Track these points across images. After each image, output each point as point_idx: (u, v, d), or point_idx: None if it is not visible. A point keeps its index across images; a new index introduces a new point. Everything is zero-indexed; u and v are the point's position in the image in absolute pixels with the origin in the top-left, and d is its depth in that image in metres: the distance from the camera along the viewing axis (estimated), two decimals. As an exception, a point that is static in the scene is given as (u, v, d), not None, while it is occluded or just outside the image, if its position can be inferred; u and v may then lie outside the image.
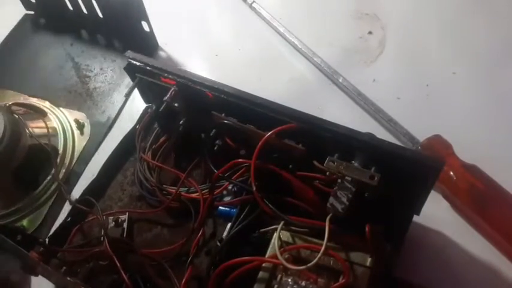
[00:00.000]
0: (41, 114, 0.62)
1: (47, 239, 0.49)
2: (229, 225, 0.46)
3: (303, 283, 0.35)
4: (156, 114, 0.53)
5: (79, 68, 0.67)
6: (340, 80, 0.59)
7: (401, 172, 0.38)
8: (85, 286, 0.41)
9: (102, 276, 0.45)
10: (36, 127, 0.58)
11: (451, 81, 0.57)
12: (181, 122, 0.50)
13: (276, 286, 0.36)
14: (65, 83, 0.66)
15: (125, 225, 0.49)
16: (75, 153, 0.60)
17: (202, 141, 0.49)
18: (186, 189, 0.50)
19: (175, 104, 0.49)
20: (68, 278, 0.39)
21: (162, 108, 0.48)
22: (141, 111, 0.58)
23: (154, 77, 0.50)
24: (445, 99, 0.56)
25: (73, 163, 0.60)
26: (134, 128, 0.57)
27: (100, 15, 0.66)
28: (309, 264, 0.35)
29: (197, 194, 0.48)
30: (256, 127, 0.44)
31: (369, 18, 0.66)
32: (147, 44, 0.66)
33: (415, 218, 0.42)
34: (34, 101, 0.64)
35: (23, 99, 0.64)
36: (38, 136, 0.58)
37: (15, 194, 0.57)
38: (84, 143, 0.61)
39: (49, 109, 0.63)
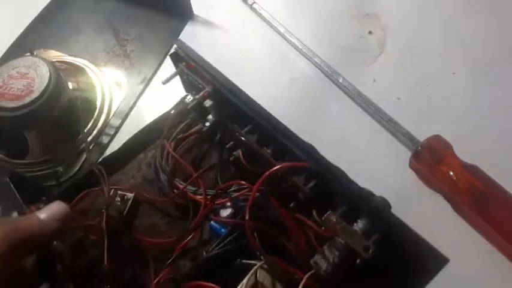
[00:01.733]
0: (80, 71, 0.65)
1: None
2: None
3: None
4: (187, 107, 0.53)
5: (118, 32, 0.70)
6: (341, 80, 0.59)
7: (404, 253, 0.35)
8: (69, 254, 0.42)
9: (87, 248, 0.46)
10: (76, 82, 0.61)
11: (451, 81, 0.58)
12: (207, 124, 0.49)
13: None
14: (104, 45, 0.70)
15: (129, 204, 0.50)
16: (112, 109, 0.64)
17: (223, 147, 0.49)
18: (194, 189, 0.49)
19: (208, 104, 0.48)
20: (54, 242, 0.41)
21: (191, 105, 0.48)
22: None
23: (194, 73, 0.50)
24: (445, 99, 0.57)
25: (110, 117, 0.63)
26: (168, 112, 0.57)
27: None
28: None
29: (201, 197, 0.48)
30: (273, 152, 0.43)
31: (369, 18, 0.65)
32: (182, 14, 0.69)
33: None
34: (74, 59, 0.67)
35: (65, 57, 0.68)
36: (77, 90, 0.60)
37: (54, 142, 0.60)
38: (121, 100, 0.64)
39: (88, 67, 0.66)
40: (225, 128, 0.48)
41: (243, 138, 0.44)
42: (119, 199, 0.51)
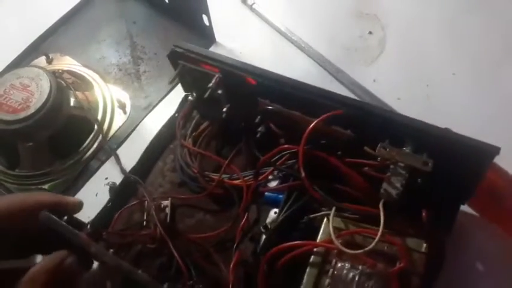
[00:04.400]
0: (87, 86, 0.63)
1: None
2: (273, 211, 0.46)
3: (360, 267, 0.35)
4: (198, 101, 0.53)
5: (135, 47, 0.68)
6: (342, 79, 0.59)
7: (454, 158, 0.38)
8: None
9: (148, 259, 0.45)
10: (79, 98, 0.59)
11: (451, 81, 0.58)
12: (224, 109, 0.50)
13: (330, 270, 0.36)
14: (118, 60, 0.67)
15: (168, 210, 0.49)
16: (111, 131, 0.61)
17: (246, 128, 0.49)
18: (228, 176, 0.50)
19: (219, 91, 0.49)
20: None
21: (206, 94, 0.48)
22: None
23: (197, 64, 0.50)
24: (445, 99, 0.56)
25: (106, 140, 0.60)
26: (173, 116, 0.57)
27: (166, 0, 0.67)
28: (366, 248, 0.35)
29: (240, 180, 0.49)
30: (302, 113, 0.44)
31: (369, 18, 0.66)
32: (205, 38, 0.66)
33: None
34: (85, 71, 0.65)
35: (77, 67, 0.65)
36: (79, 108, 0.58)
37: (46, 158, 0.58)
38: (121, 123, 0.62)
39: (97, 83, 0.63)
40: (244, 108, 0.49)
41: (270, 107, 0.45)
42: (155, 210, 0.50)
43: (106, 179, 0.55)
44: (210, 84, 0.48)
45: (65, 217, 0.42)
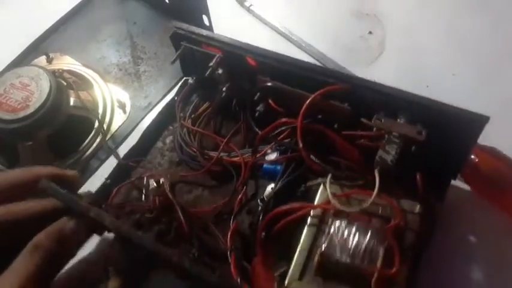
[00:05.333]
0: (88, 85, 0.63)
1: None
2: (270, 186, 0.47)
3: (356, 224, 0.36)
4: (198, 82, 0.55)
5: (135, 47, 0.68)
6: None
7: (446, 127, 0.40)
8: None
9: (145, 228, 0.45)
10: (79, 97, 0.59)
11: (451, 82, 0.58)
12: (224, 89, 0.51)
13: (327, 229, 0.37)
14: (118, 60, 0.67)
15: (166, 186, 0.50)
16: (110, 130, 0.61)
17: (245, 106, 0.51)
18: (226, 154, 0.51)
19: (220, 71, 0.51)
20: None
21: (207, 73, 0.50)
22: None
23: (199, 46, 0.52)
24: (445, 100, 0.57)
25: (105, 140, 0.60)
26: (173, 99, 0.58)
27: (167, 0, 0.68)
28: (363, 206, 0.36)
29: (238, 158, 0.50)
30: (301, 89, 0.46)
31: (369, 18, 0.66)
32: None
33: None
34: (85, 71, 0.65)
35: (77, 67, 0.66)
36: (79, 107, 0.59)
37: (45, 158, 0.58)
38: (121, 123, 0.62)
39: (97, 82, 0.64)
40: (244, 87, 0.50)
41: (269, 84, 0.47)
42: (154, 184, 0.50)
43: (106, 178, 0.55)
44: (211, 64, 0.50)
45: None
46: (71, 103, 0.58)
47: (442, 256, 0.43)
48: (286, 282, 0.36)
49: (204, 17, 0.64)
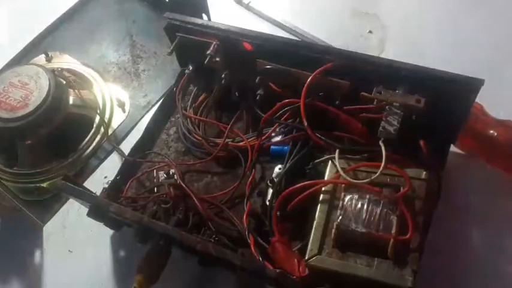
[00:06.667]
0: (87, 84, 0.63)
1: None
2: (277, 167, 0.49)
3: (368, 196, 0.38)
4: (195, 73, 0.55)
5: (135, 46, 0.68)
6: None
7: (443, 93, 0.41)
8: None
9: (163, 220, 0.47)
10: (78, 96, 0.59)
11: None
12: (223, 76, 0.52)
13: (340, 203, 0.39)
14: (118, 59, 0.67)
15: (176, 176, 0.51)
16: (110, 129, 0.61)
17: (245, 90, 0.52)
18: (230, 139, 0.52)
19: (217, 59, 0.51)
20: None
21: (206, 61, 0.50)
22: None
23: (194, 35, 0.52)
24: None
25: (105, 138, 0.60)
26: (172, 90, 0.59)
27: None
28: (372, 177, 0.37)
29: (243, 142, 0.51)
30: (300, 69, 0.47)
31: (369, 18, 0.67)
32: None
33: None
34: (85, 70, 0.65)
35: (77, 65, 0.66)
36: (78, 106, 0.59)
37: (45, 156, 0.58)
38: (120, 122, 0.62)
39: (96, 81, 0.64)
40: (243, 73, 0.51)
41: (268, 67, 0.47)
42: (164, 175, 0.51)
43: (105, 177, 0.56)
44: (209, 52, 0.50)
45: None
46: (71, 102, 0.59)
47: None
48: (306, 257, 0.38)
49: (204, 16, 0.64)
